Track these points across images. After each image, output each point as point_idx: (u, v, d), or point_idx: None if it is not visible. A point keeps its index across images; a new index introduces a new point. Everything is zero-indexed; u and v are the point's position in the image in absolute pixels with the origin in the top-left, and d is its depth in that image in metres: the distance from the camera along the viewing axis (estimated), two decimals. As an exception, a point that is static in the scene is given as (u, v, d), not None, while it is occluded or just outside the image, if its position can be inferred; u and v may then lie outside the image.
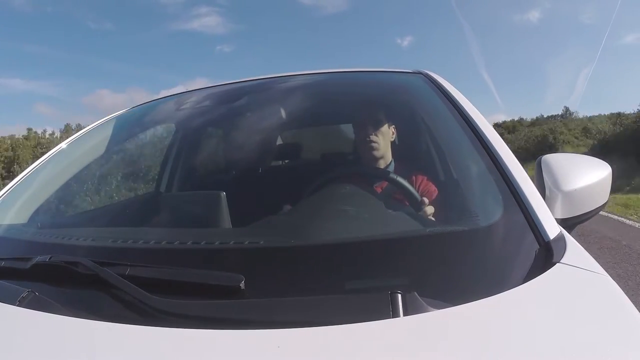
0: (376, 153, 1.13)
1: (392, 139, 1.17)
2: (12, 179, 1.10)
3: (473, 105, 0.92)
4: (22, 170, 1.12)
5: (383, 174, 1.09)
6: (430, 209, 0.85)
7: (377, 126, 1.13)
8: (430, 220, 0.83)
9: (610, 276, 0.53)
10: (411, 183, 0.95)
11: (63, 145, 1.20)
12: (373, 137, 1.12)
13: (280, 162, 1.50)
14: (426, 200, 0.87)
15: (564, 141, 20.83)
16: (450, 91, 0.99)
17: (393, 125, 1.17)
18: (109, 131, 1.28)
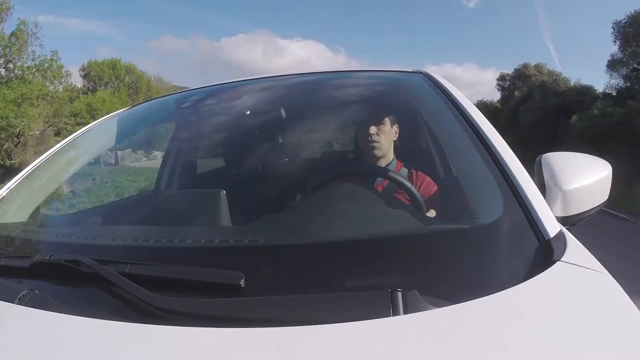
0: (377, 152, 1.14)
1: (395, 138, 1.18)
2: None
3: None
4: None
5: (382, 172, 1.10)
6: (432, 213, 0.85)
7: (378, 125, 1.14)
8: (431, 218, 0.83)
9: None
10: (411, 181, 0.95)
11: (63, 143, 1.20)
12: (375, 137, 1.14)
13: (281, 161, 1.50)
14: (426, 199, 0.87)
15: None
16: (451, 90, 0.99)
17: (396, 124, 1.18)
18: (109, 130, 1.28)
